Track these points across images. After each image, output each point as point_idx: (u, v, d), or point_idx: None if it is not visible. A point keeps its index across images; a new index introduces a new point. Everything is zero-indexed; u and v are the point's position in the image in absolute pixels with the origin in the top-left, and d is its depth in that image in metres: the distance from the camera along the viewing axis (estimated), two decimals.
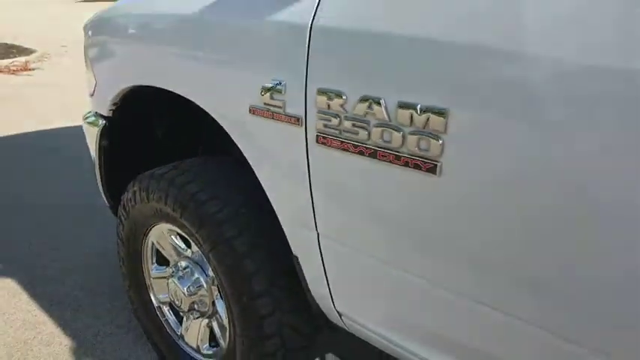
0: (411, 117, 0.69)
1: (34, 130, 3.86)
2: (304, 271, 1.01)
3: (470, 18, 0.64)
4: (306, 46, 0.81)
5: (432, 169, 0.69)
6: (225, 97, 1.01)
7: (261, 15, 0.89)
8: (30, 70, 6.51)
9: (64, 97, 5.01)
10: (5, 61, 6.61)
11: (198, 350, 1.43)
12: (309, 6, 0.81)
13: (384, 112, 0.72)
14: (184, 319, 1.44)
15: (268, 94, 0.88)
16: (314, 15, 0.80)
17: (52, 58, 7.37)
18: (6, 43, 7.82)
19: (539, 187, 0.60)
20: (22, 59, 6.92)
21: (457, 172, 0.67)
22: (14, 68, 6.46)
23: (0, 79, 5.88)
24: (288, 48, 0.84)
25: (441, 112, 0.66)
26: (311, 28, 0.80)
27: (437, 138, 0.67)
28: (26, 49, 7.70)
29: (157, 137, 1.60)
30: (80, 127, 1.74)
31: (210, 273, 1.28)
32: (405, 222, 0.77)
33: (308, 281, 1.01)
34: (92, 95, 1.56)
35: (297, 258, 1.01)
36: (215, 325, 1.36)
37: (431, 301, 0.81)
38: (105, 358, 1.60)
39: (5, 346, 1.64)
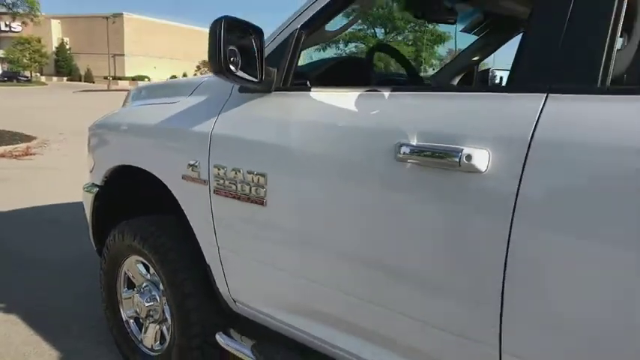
0: (252, 178, 1.40)
1: (31, 205, 4.53)
2: (213, 274, 1.65)
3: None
4: (209, 142, 1.53)
5: (262, 203, 1.39)
6: (169, 170, 1.72)
7: (188, 125, 1.63)
8: (31, 154, 7.30)
9: (60, 179, 5.72)
10: (9, 147, 7.41)
11: (152, 349, 2.01)
12: (210, 123, 1.55)
13: (242, 176, 1.43)
14: (143, 328, 2.04)
15: (191, 168, 1.59)
16: (213, 127, 1.54)
17: (51, 145, 8.19)
18: (10, 131, 8.69)
19: (312, 208, 1.30)
20: (24, 145, 7.74)
21: (273, 204, 1.37)
22: (17, 153, 7.25)
23: (3, 163, 6.64)
24: (201, 143, 1.56)
25: (263, 175, 1.37)
26: (211, 133, 1.53)
27: (263, 187, 1.38)
28: (28, 136, 8.57)
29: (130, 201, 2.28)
30: (71, 202, 2.42)
31: (161, 287, 1.91)
32: (256, 234, 1.46)
33: (215, 281, 1.66)
34: (91, 172, 2.27)
35: (209, 266, 1.66)
36: (164, 328, 1.96)
37: (287, 286, 1.45)
38: None
39: (8, 357, 2.19)
